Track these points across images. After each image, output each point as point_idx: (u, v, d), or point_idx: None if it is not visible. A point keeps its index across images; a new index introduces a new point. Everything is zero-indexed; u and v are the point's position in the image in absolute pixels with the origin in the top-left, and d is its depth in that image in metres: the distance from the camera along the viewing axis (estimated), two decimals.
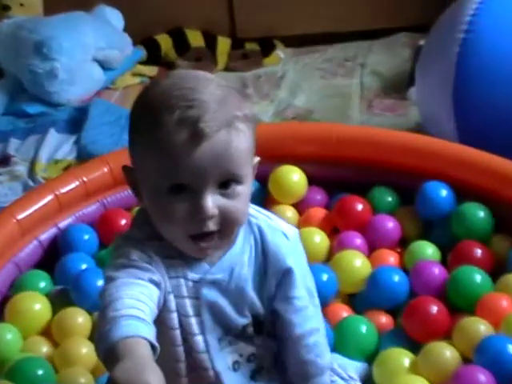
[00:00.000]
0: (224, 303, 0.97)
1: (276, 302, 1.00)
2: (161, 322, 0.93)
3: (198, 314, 0.96)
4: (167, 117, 0.89)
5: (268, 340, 1.01)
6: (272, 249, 0.99)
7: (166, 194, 0.90)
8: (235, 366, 0.99)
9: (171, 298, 0.94)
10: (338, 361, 1.18)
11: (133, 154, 0.96)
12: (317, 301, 1.04)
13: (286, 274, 0.99)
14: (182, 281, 0.95)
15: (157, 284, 0.91)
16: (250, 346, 1.00)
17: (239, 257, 0.97)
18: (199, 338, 0.96)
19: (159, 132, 0.89)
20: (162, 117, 0.89)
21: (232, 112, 0.90)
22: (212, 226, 0.91)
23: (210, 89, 0.91)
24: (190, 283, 0.95)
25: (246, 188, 0.93)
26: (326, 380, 1.04)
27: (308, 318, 1.01)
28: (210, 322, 0.97)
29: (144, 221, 0.96)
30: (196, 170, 0.89)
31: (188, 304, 0.96)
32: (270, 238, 0.99)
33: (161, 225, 0.93)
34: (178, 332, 0.96)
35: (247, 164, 0.93)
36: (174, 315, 0.95)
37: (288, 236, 1.00)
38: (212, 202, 0.90)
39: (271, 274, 0.99)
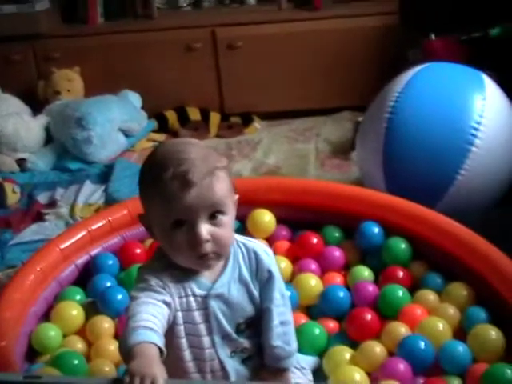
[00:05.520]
0: (226, 310, 0.97)
1: (262, 301, 1.00)
2: (171, 332, 0.93)
3: (206, 321, 0.96)
4: (164, 173, 0.90)
5: (254, 335, 1.01)
6: (258, 262, 0.99)
7: (170, 230, 0.91)
8: (232, 355, 0.99)
9: (179, 314, 0.94)
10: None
11: (143, 202, 0.96)
12: (288, 303, 1.04)
13: (269, 279, 1.00)
14: (192, 298, 0.95)
15: (168, 305, 0.92)
16: (244, 342, 0.99)
17: (232, 274, 0.97)
18: (206, 338, 0.96)
19: (160, 184, 0.90)
20: (161, 174, 0.90)
21: (212, 164, 0.91)
22: (208, 248, 0.91)
23: (194, 150, 0.92)
24: (199, 298, 0.95)
25: (229, 218, 0.93)
26: (292, 362, 1.04)
27: (282, 313, 1.01)
28: (216, 325, 0.96)
29: (161, 255, 0.96)
30: (189, 208, 0.90)
31: (197, 314, 0.95)
32: (255, 254, 0.99)
33: (171, 252, 0.94)
34: (184, 340, 0.96)
35: (227, 200, 0.93)
36: (181, 327, 0.95)
37: (268, 253, 1.01)
38: (204, 229, 0.90)
39: (258, 280, 0.99)
